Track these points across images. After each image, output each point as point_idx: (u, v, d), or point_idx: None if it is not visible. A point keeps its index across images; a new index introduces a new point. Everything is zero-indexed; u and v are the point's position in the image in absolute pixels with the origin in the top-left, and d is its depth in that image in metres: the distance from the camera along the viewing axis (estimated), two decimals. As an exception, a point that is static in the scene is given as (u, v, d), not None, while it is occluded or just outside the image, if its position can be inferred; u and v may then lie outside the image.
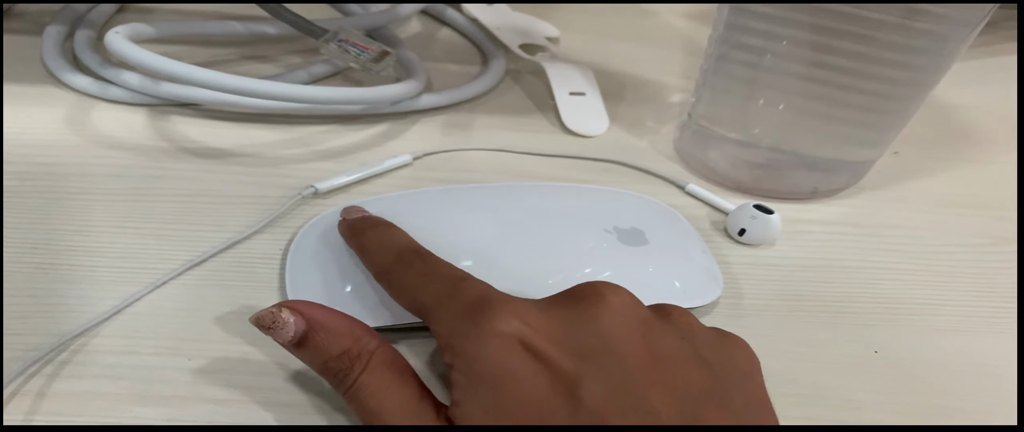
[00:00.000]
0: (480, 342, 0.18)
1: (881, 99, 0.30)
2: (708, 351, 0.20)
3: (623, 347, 0.19)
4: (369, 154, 0.33)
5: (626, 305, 0.20)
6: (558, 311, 0.19)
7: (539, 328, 0.19)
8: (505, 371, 0.18)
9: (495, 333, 0.18)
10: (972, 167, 0.38)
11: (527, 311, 0.19)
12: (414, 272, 0.22)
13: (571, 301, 0.20)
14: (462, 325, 0.19)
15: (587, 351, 0.18)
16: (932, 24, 0.28)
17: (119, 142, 0.32)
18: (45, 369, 0.23)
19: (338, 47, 0.34)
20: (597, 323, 0.19)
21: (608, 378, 0.18)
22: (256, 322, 0.21)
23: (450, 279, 0.21)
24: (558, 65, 0.40)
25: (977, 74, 0.45)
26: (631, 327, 0.19)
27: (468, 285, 0.20)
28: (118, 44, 0.31)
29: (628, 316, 0.19)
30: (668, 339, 0.20)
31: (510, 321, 0.18)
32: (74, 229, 0.28)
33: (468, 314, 0.19)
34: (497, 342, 0.18)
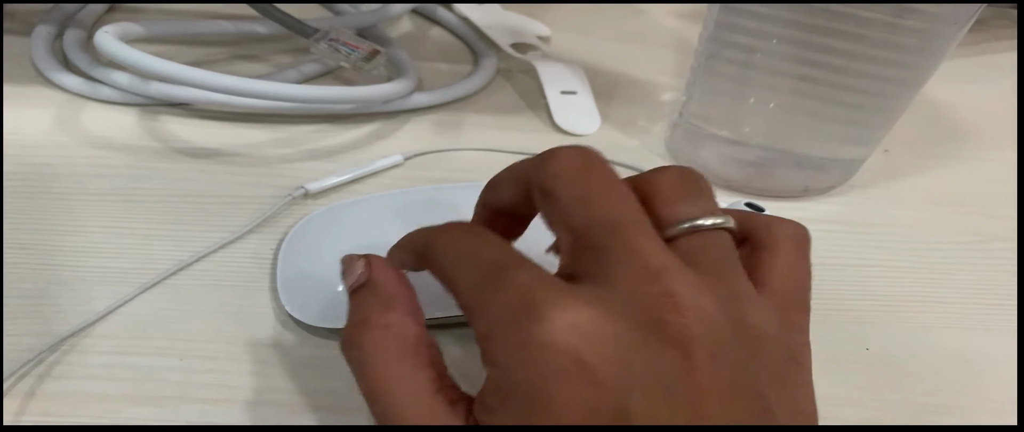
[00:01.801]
0: (520, 354, 0.16)
1: (871, 97, 0.31)
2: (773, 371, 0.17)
3: (680, 381, 0.16)
4: (360, 153, 0.33)
5: (701, 334, 0.16)
6: (618, 328, 0.16)
7: (594, 344, 0.16)
8: (541, 392, 0.15)
9: (539, 347, 0.15)
10: (962, 165, 0.38)
11: (583, 320, 0.16)
12: (454, 248, 0.19)
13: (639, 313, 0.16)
14: (501, 328, 0.16)
15: (639, 383, 0.15)
16: (921, 22, 0.28)
17: (109, 142, 0.32)
18: (36, 370, 0.23)
19: (329, 46, 0.34)
20: (660, 355, 0.16)
21: (654, 413, 0.15)
22: (342, 258, 0.21)
23: (492, 266, 0.17)
24: (549, 64, 0.40)
25: (967, 72, 0.45)
26: (697, 360, 0.16)
27: (513, 276, 0.17)
28: (108, 43, 0.31)
29: (697, 348, 0.16)
30: (735, 369, 0.16)
31: (559, 334, 0.15)
32: (64, 230, 0.27)
33: (510, 316, 0.16)
34: (538, 357, 0.15)
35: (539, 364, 0.15)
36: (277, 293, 0.26)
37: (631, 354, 0.16)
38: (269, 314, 0.25)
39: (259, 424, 0.22)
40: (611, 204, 0.18)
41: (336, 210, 0.29)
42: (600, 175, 0.18)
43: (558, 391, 0.15)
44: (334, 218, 0.28)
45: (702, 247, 0.18)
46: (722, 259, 0.18)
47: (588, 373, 0.15)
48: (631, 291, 0.16)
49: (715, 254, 0.18)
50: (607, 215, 0.18)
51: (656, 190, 0.19)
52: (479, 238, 0.19)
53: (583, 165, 0.19)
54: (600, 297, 0.16)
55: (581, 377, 0.15)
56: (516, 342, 0.16)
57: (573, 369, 0.15)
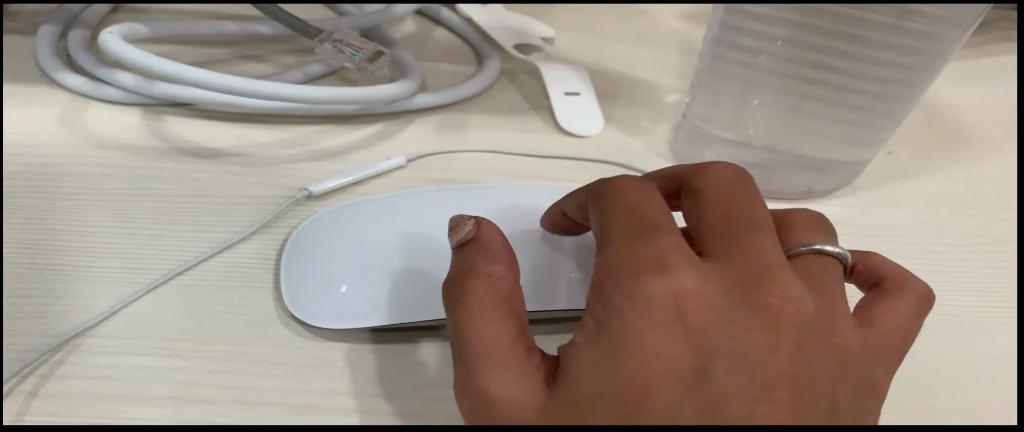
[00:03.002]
0: (631, 299, 0.17)
1: (875, 99, 0.30)
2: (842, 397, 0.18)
3: (762, 358, 0.17)
4: (364, 154, 0.33)
5: (794, 320, 0.18)
6: (722, 300, 0.18)
7: (697, 306, 0.17)
8: (636, 335, 0.17)
9: (649, 296, 0.17)
10: (966, 167, 0.38)
11: (695, 283, 0.17)
12: (623, 194, 0.20)
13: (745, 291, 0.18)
14: (626, 273, 0.18)
15: (724, 350, 0.17)
16: (926, 24, 0.28)
17: (113, 142, 0.32)
18: (40, 369, 0.23)
19: (333, 47, 0.34)
20: (751, 328, 0.17)
21: (729, 381, 0.17)
22: (451, 218, 0.22)
23: (648, 222, 0.19)
24: (553, 65, 0.40)
25: (970, 74, 0.45)
26: (783, 342, 0.17)
27: (659, 236, 0.19)
28: (112, 44, 0.31)
29: (787, 331, 0.17)
30: (814, 368, 0.18)
31: (671, 288, 0.17)
32: (69, 230, 0.28)
33: (641, 267, 0.18)
34: (646, 305, 0.17)
35: (645, 310, 0.17)
36: (281, 294, 0.26)
37: (727, 325, 0.17)
38: (273, 315, 0.25)
39: (261, 424, 0.22)
40: (750, 209, 0.20)
41: (339, 211, 0.29)
42: (747, 187, 0.21)
43: (651, 338, 0.17)
44: (337, 219, 0.28)
45: (815, 266, 0.20)
46: (830, 281, 0.20)
47: (683, 329, 0.17)
48: (744, 273, 0.18)
49: (825, 275, 0.20)
50: (744, 215, 0.20)
51: (791, 219, 0.21)
52: (649, 194, 0.20)
53: (735, 177, 0.21)
54: (717, 271, 0.18)
55: (675, 331, 0.17)
56: (632, 287, 0.18)
57: (671, 322, 0.17)
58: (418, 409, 0.23)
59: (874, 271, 0.22)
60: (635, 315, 0.17)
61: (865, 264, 0.22)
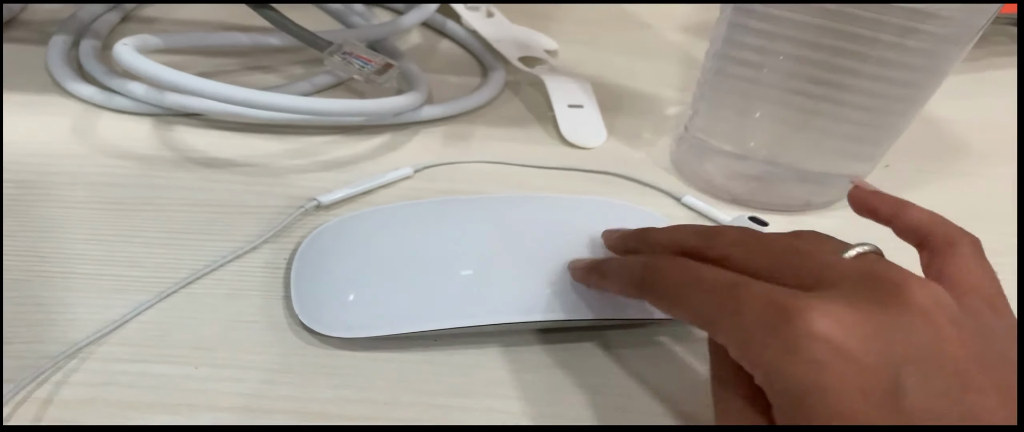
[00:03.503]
0: (785, 354, 0.17)
1: (874, 114, 0.31)
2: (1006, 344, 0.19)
3: (941, 351, 0.17)
4: (371, 165, 0.34)
5: (938, 305, 0.18)
6: (867, 313, 0.17)
7: (847, 329, 0.17)
8: (814, 383, 0.17)
9: (799, 343, 0.17)
10: (963, 180, 0.38)
11: (831, 311, 0.17)
12: (675, 278, 0.21)
13: (877, 299, 0.18)
14: (759, 334, 0.18)
15: (904, 359, 0.17)
16: (925, 42, 0.28)
17: (124, 151, 0.33)
18: (54, 376, 0.23)
19: (342, 59, 0.35)
20: (912, 330, 0.17)
21: (928, 385, 0.17)
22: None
23: (723, 286, 0.20)
24: (557, 78, 0.40)
25: (967, 88, 0.45)
26: (945, 330, 0.17)
27: (749, 290, 0.19)
28: (127, 55, 0.32)
29: (941, 318, 0.18)
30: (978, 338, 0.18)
31: (816, 326, 0.17)
32: (81, 238, 0.28)
33: (764, 322, 0.18)
34: (804, 352, 0.17)
35: (805, 358, 0.17)
36: (291, 302, 0.26)
37: (883, 332, 0.17)
38: (283, 323, 0.26)
39: (267, 424, 0.23)
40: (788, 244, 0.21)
41: (347, 221, 0.29)
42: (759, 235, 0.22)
43: (829, 379, 0.17)
44: (345, 229, 0.29)
45: (880, 261, 0.20)
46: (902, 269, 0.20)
47: (851, 356, 0.17)
48: (861, 285, 0.18)
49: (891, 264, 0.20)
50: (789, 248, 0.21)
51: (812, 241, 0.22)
52: (694, 266, 0.21)
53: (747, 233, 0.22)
54: (835, 295, 0.18)
55: (846, 361, 0.17)
56: (778, 344, 0.17)
57: (837, 356, 0.17)
58: (427, 417, 0.23)
59: (916, 229, 0.23)
60: (798, 365, 0.17)
61: (903, 222, 0.23)
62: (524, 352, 0.26)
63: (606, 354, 0.26)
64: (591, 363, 0.26)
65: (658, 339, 0.27)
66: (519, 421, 0.24)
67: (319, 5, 0.42)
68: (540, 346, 0.26)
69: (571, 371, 0.25)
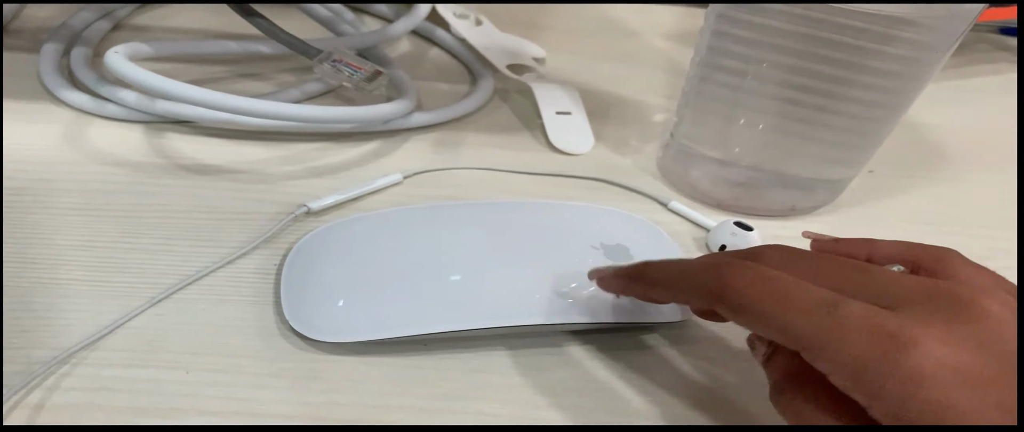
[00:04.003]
0: (909, 382, 0.17)
1: (857, 120, 0.32)
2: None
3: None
4: (361, 171, 0.34)
5: (1008, 307, 0.19)
6: (964, 330, 0.18)
7: (963, 352, 0.18)
8: (949, 409, 0.17)
9: (922, 370, 0.17)
10: (945, 185, 0.39)
11: (940, 334, 0.18)
12: (762, 293, 0.20)
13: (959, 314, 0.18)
14: (874, 362, 0.18)
15: (1015, 366, 0.18)
16: (905, 49, 0.29)
17: (115, 158, 0.33)
18: (46, 382, 0.23)
19: (331, 67, 0.35)
20: (1005, 337, 0.18)
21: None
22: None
23: (820, 304, 0.19)
24: (545, 85, 0.41)
25: (949, 95, 0.46)
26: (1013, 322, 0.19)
27: (849, 310, 0.19)
28: (118, 64, 0.32)
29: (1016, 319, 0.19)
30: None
31: (935, 351, 0.17)
32: (72, 244, 0.28)
33: (878, 350, 0.18)
34: (930, 379, 0.17)
35: (935, 386, 0.17)
36: (281, 308, 0.26)
37: (985, 344, 0.18)
38: (273, 328, 0.26)
39: (261, 425, 0.23)
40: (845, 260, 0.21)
41: (337, 227, 0.29)
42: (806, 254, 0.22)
43: (964, 400, 0.17)
44: (335, 235, 0.29)
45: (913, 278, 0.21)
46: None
47: (975, 375, 0.17)
48: (936, 303, 0.19)
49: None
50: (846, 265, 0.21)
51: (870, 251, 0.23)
52: (772, 275, 0.20)
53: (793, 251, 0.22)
54: (924, 315, 0.18)
55: (972, 381, 0.17)
56: (901, 375, 0.17)
57: (962, 377, 0.17)
58: (416, 421, 0.24)
59: (895, 259, 0.23)
60: (930, 390, 0.17)
61: (881, 258, 0.23)
62: (513, 356, 0.26)
63: (596, 358, 0.27)
64: (580, 367, 0.26)
65: (648, 342, 0.27)
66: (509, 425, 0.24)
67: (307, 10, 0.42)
68: (529, 350, 0.26)
69: (560, 375, 0.26)
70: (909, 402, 0.17)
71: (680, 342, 0.27)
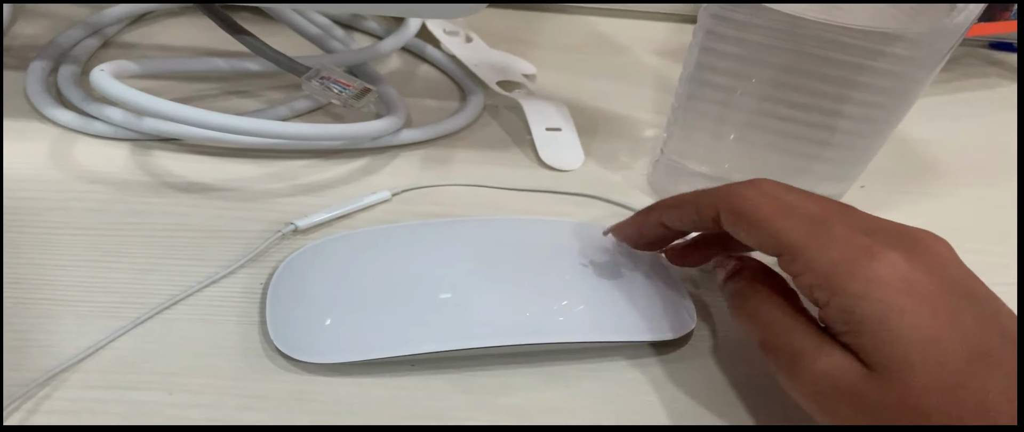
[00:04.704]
0: (870, 284, 0.21)
1: (847, 136, 0.31)
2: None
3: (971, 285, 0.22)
4: (349, 188, 0.34)
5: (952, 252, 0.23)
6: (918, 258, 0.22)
7: (915, 271, 0.21)
8: (894, 306, 0.21)
9: (880, 276, 0.21)
10: (936, 200, 0.39)
11: (903, 255, 0.21)
12: (769, 202, 0.24)
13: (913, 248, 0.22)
14: (846, 266, 0.21)
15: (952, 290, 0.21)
16: (893, 64, 0.29)
17: (101, 177, 0.33)
18: (26, 405, 0.23)
19: (320, 84, 0.35)
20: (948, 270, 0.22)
21: (977, 310, 0.21)
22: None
23: (814, 217, 0.23)
24: (534, 101, 0.41)
25: (939, 109, 0.46)
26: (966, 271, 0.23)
27: (836, 228, 0.22)
28: (103, 81, 0.32)
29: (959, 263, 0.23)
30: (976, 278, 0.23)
31: (891, 263, 0.21)
32: (56, 264, 0.28)
33: (851, 257, 0.22)
34: (884, 283, 0.21)
35: (889, 288, 0.21)
36: (266, 328, 0.26)
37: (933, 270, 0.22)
38: (258, 349, 0.26)
39: None
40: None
41: (324, 246, 0.29)
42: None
43: (908, 303, 0.21)
44: (322, 254, 0.29)
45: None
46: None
47: (920, 287, 0.21)
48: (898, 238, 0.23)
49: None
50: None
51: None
52: (783, 197, 0.24)
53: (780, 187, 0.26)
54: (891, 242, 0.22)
55: (917, 291, 0.21)
56: (867, 275, 0.21)
57: (911, 287, 0.21)
58: (401, 441, 0.23)
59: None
60: (884, 291, 0.21)
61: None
62: (503, 376, 0.26)
63: (587, 378, 0.26)
64: (572, 387, 0.26)
65: (639, 361, 0.27)
66: (495, 444, 0.24)
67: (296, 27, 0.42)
68: (519, 369, 0.26)
69: (551, 395, 0.26)
70: (864, 301, 0.21)
71: (674, 361, 0.27)
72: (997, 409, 0.20)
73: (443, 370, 0.26)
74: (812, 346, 0.22)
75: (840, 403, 0.21)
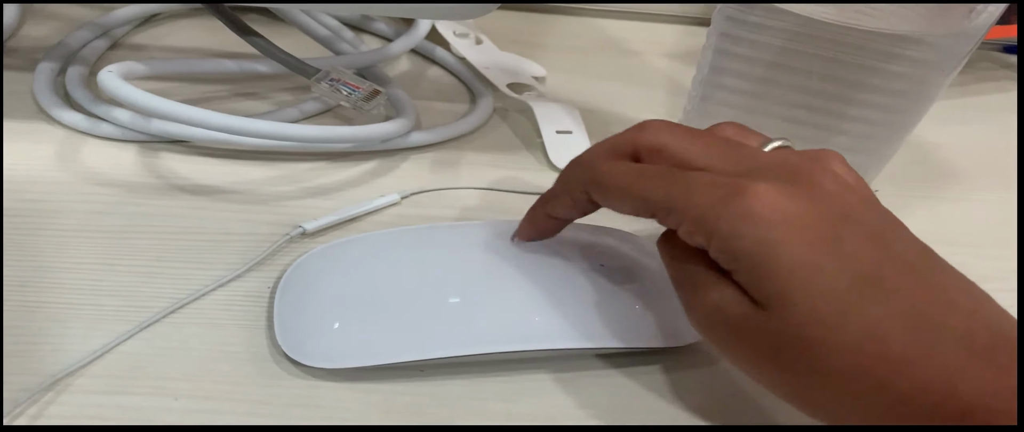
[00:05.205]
0: (743, 220, 0.21)
1: (860, 139, 0.31)
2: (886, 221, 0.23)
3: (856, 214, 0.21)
4: (358, 191, 0.34)
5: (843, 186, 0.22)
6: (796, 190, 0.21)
7: (783, 198, 0.21)
8: (770, 240, 0.20)
9: (752, 211, 0.21)
10: (951, 205, 0.38)
11: (775, 187, 0.21)
12: (620, 176, 0.24)
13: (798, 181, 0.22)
14: (716, 208, 0.21)
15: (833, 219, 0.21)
16: (910, 67, 0.29)
17: (109, 179, 0.32)
18: (30, 410, 0.23)
19: (329, 86, 0.35)
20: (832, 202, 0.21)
21: (858, 236, 0.21)
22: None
23: (668, 175, 0.23)
24: (545, 104, 0.40)
25: (954, 113, 0.45)
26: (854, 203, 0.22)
27: (696, 177, 0.22)
28: (111, 83, 0.31)
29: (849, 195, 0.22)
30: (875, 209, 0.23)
31: (763, 196, 0.21)
32: (63, 266, 0.28)
33: (719, 199, 0.21)
34: (757, 217, 0.21)
35: (759, 222, 0.20)
36: (274, 332, 0.26)
37: (813, 202, 0.21)
38: (265, 353, 0.25)
39: None
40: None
41: (333, 249, 0.29)
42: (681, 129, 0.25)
43: (782, 234, 0.20)
44: (330, 257, 0.28)
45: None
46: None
47: (795, 217, 0.21)
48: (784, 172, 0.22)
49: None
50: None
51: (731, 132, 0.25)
52: (634, 164, 0.24)
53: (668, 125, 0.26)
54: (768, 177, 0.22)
55: (791, 221, 0.20)
56: (732, 213, 0.21)
57: (784, 218, 0.20)
58: (410, 449, 0.23)
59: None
60: (756, 228, 0.20)
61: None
62: (513, 382, 0.26)
63: (600, 384, 0.26)
64: (583, 394, 0.26)
65: (650, 368, 0.27)
66: (505, 452, 0.23)
67: (305, 28, 0.42)
68: (531, 376, 0.26)
69: (563, 401, 0.25)
70: (739, 239, 0.21)
71: (686, 367, 0.27)
72: (891, 335, 0.19)
73: (452, 376, 0.25)
74: (708, 282, 0.22)
75: (731, 336, 0.22)
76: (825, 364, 0.20)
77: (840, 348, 0.20)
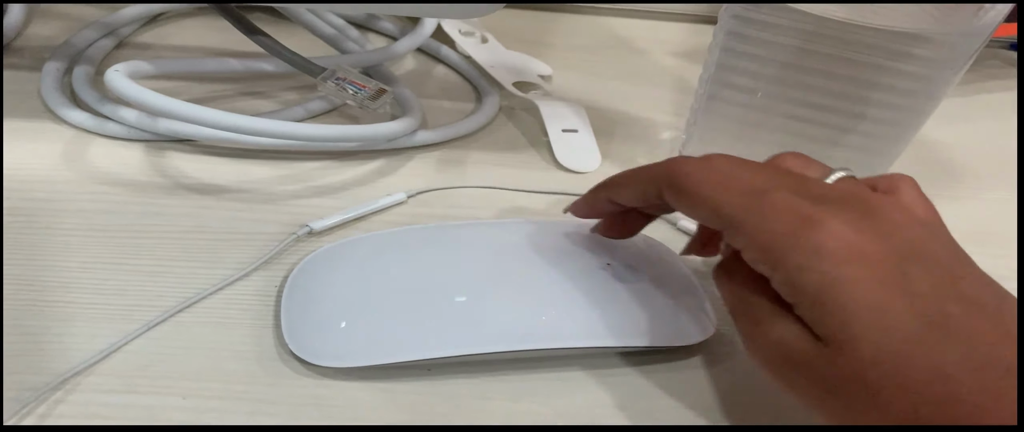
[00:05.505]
0: (812, 256, 0.20)
1: (869, 138, 0.31)
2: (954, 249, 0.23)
3: (926, 249, 0.21)
4: (364, 190, 0.34)
5: (911, 217, 0.22)
6: (866, 223, 0.21)
7: (860, 238, 0.20)
8: (838, 276, 0.20)
9: (822, 246, 0.20)
10: (959, 204, 0.38)
11: (846, 221, 0.21)
12: (707, 176, 0.23)
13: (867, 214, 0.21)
14: (785, 238, 0.21)
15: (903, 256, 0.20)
16: (918, 66, 0.28)
17: (115, 178, 0.32)
18: (38, 409, 0.23)
19: (335, 85, 0.35)
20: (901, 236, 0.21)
21: (928, 274, 0.20)
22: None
23: (752, 188, 0.22)
24: (551, 103, 0.40)
25: (962, 112, 0.45)
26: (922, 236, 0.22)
27: (776, 197, 0.22)
28: (118, 82, 0.32)
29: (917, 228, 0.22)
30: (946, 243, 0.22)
31: (836, 232, 0.20)
32: (69, 266, 0.28)
33: (791, 228, 0.21)
34: (826, 253, 0.20)
35: (830, 258, 0.20)
36: (281, 331, 0.26)
37: (881, 237, 0.21)
38: (272, 353, 0.25)
39: None
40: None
41: (340, 248, 0.29)
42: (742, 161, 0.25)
43: (852, 272, 0.20)
44: (338, 256, 0.28)
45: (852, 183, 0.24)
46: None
47: (865, 255, 0.20)
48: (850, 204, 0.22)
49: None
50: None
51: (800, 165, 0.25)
52: (722, 169, 0.23)
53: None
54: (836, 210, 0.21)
55: (862, 259, 0.20)
56: (804, 247, 0.20)
57: (855, 255, 0.20)
58: (418, 448, 0.23)
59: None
60: (824, 262, 0.20)
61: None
62: (519, 381, 0.25)
63: (607, 383, 0.26)
64: (591, 393, 0.26)
65: (658, 367, 0.27)
66: (513, 452, 0.23)
67: (311, 27, 0.42)
68: (539, 375, 0.26)
69: (572, 401, 0.25)
70: (806, 273, 0.20)
71: (694, 367, 0.27)
72: (957, 379, 0.19)
73: (460, 375, 0.25)
74: (770, 315, 0.22)
75: (793, 373, 0.21)
76: (890, 406, 0.20)
77: (906, 390, 0.19)
